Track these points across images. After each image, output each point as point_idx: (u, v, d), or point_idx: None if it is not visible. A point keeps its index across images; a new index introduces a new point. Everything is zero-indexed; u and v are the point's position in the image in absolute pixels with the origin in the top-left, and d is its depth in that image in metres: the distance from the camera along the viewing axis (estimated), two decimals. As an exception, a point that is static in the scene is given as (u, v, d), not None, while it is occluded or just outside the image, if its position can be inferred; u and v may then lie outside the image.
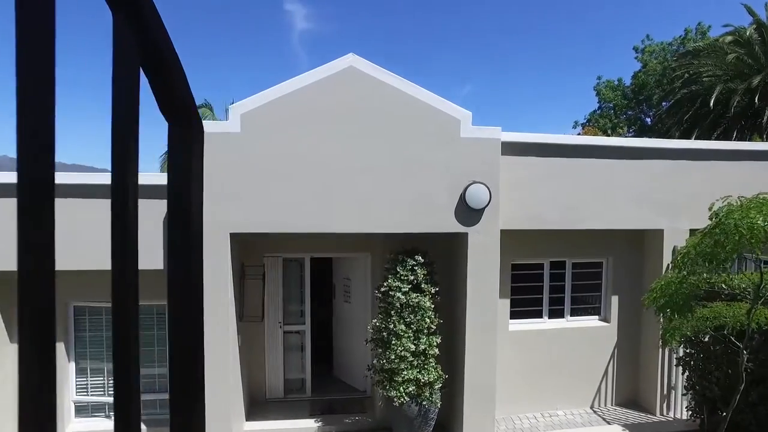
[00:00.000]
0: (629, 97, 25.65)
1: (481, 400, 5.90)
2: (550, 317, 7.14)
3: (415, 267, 5.70)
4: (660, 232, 6.71)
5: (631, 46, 26.14)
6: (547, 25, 44.58)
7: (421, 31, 52.09)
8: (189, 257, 0.61)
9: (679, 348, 5.25)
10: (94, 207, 5.50)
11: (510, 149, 6.00)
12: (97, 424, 6.38)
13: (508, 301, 6.82)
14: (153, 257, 5.54)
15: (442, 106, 5.65)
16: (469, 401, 5.89)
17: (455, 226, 5.71)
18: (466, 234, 5.74)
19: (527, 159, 6.23)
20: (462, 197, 5.63)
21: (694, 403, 5.14)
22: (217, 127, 5.43)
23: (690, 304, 3.55)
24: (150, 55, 0.53)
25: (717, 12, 33.32)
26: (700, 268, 3.32)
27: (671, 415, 6.75)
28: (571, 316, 7.21)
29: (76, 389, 6.32)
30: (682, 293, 3.42)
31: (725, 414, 4.36)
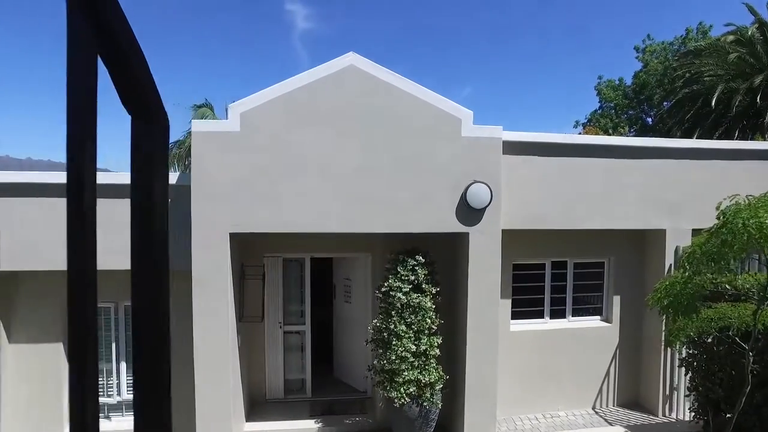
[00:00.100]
0: (630, 97, 25.58)
1: (483, 400, 5.87)
2: (551, 318, 7.10)
3: (416, 267, 5.67)
4: (662, 232, 6.67)
5: (632, 45, 26.10)
6: (548, 25, 44.57)
7: (422, 31, 52.09)
8: (153, 256, 0.59)
9: (682, 349, 5.21)
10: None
11: (511, 148, 5.97)
12: (96, 425, 6.34)
13: (510, 302, 6.78)
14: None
15: (443, 105, 5.61)
16: (470, 402, 5.86)
17: (456, 226, 5.68)
18: (467, 234, 5.71)
19: (529, 158, 6.20)
20: (463, 197, 5.59)
21: (697, 404, 5.10)
22: (217, 126, 5.39)
23: (695, 305, 3.50)
24: (108, 43, 0.50)
25: (718, 12, 33.30)
26: (705, 268, 3.28)
27: (674, 416, 6.71)
28: (572, 316, 7.17)
29: (75, 390, 6.27)
30: (687, 293, 3.37)
31: (730, 416, 4.33)
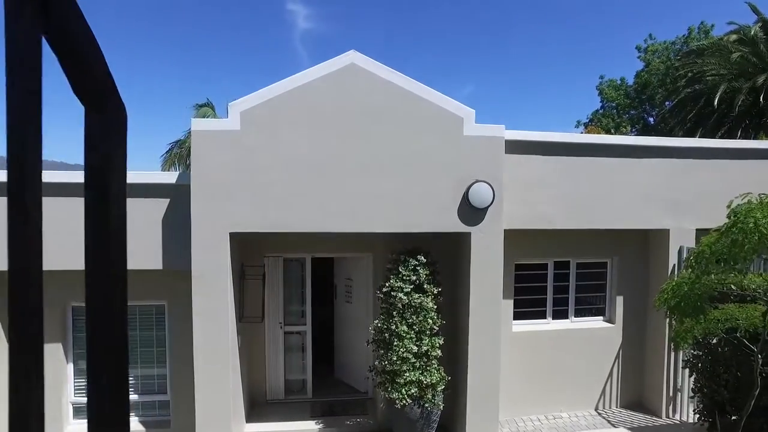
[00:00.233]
0: (632, 97, 25.51)
1: (485, 402, 5.82)
2: (554, 318, 7.05)
3: (418, 267, 5.63)
4: (666, 232, 6.62)
5: (634, 45, 26.02)
6: (549, 25, 44.54)
7: (423, 31, 52.07)
8: (110, 258, 0.54)
9: (687, 350, 5.14)
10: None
11: (514, 148, 5.92)
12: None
13: (512, 302, 6.74)
14: (154, 257, 5.53)
15: (445, 104, 5.57)
16: (472, 403, 5.81)
17: (458, 226, 5.63)
18: (469, 234, 5.66)
19: (531, 157, 6.15)
20: (465, 196, 5.54)
21: (702, 405, 5.04)
22: (217, 125, 5.35)
23: (703, 306, 3.44)
24: (55, 25, 0.45)
25: (719, 11, 33.20)
26: (714, 268, 3.21)
27: (677, 417, 6.66)
28: (575, 316, 7.12)
29: (75, 390, 6.23)
30: (695, 294, 3.31)
31: (735, 418, 4.27)
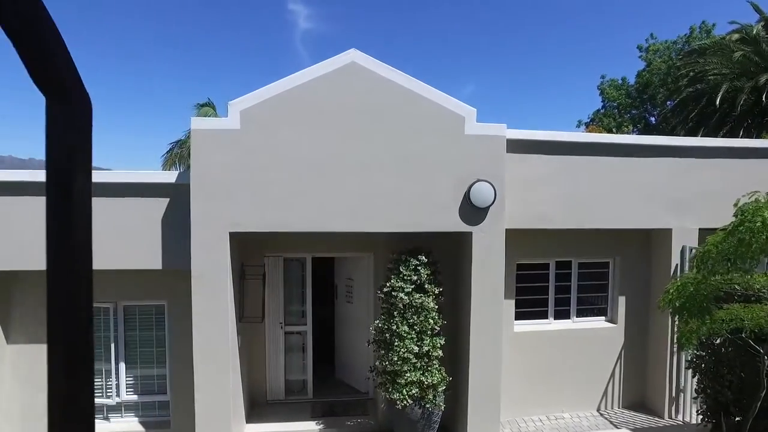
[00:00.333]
0: (633, 96, 25.44)
1: (486, 402, 5.79)
2: (555, 318, 7.02)
3: (419, 267, 5.59)
4: (668, 232, 6.58)
5: (635, 44, 25.94)
6: (550, 25, 44.48)
7: (424, 31, 52.04)
8: (74, 258, 0.50)
9: (691, 350, 5.09)
10: (94, 206, 5.39)
11: (515, 147, 5.88)
12: (95, 426, 6.27)
13: (513, 302, 6.70)
14: (153, 257, 5.50)
15: (446, 103, 5.53)
16: (474, 404, 5.77)
17: (459, 225, 5.59)
18: (470, 233, 5.62)
19: (533, 157, 6.11)
20: (466, 196, 5.51)
21: (705, 406, 5.00)
22: (217, 124, 5.32)
23: (709, 306, 3.39)
24: (9, 9, 0.42)
25: (721, 11, 33.12)
26: (721, 268, 3.17)
27: (680, 418, 6.62)
28: (577, 317, 7.08)
29: (74, 391, 6.21)
30: (701, 294, 3.26)
31: (739, 419, 4.24)
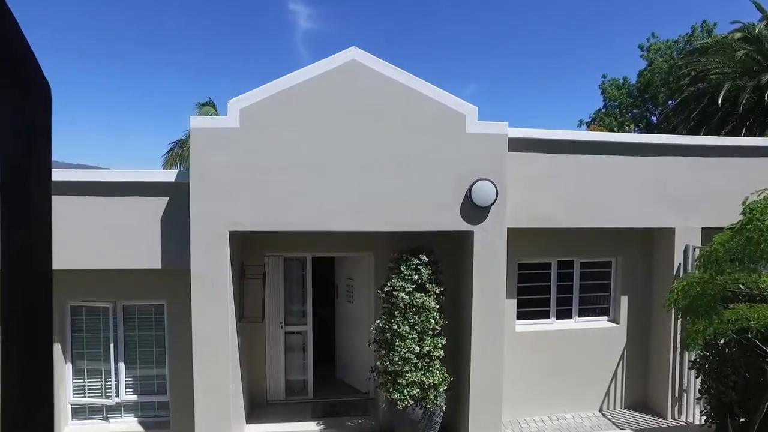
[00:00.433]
0: (634, 96, 25.38)
1: (488, 403, 5.75)
2: (557, 318, 6.97)
3: (420, 266, 5.55)
4: (671, 231, 6.54)
5: (637, 44, 25.89)
6: (551, 24, 44.43)
7: (425, 31, 52.03)
8: (33, 259, 0.46)
9: (695, 351, 5.04)
10: (93, 205, 5.38)
11: (517, 145, 5.84)
12: (94, 427, 6.25)
13: (515, 302, 6.65)
14: (152, 256, 5.47)
15: (447, 101, 5.49)
16: (475, 404, 5.74)
17: (461, 225, 5.55)
18: (471, 232, 5.58)
19: (534, 155, 6.07)
20: (468, 194, 5.47)
21: (709, 407, 4.95)
22: (216, 122, 5.28)
23: (717, 307, 3.34)
24: None
25: (722, 11, 33.00)
26: (729, 267, 3.11)
27: (683, 419, 6.57)
28: (579, 316, 7.04)
29: (73, 391, 6.19)
30: (708, 294, 3.21)
31: (743, 420, 4.19)
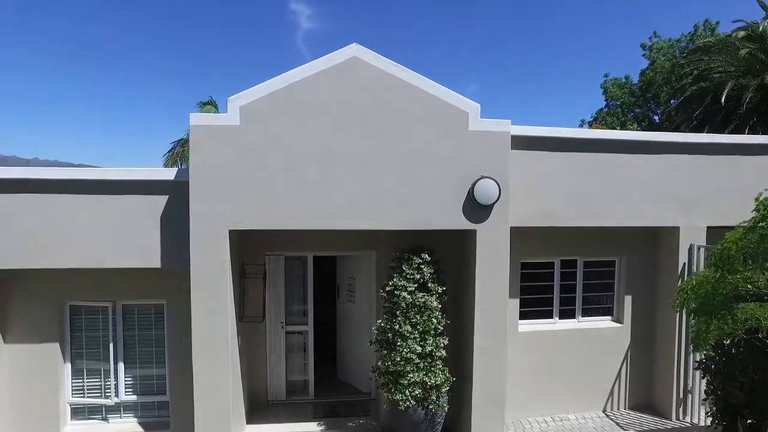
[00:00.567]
0: (637, 95, 25.31)
1: (491, 403, 5.69)
2: (560, 318, 6.91)
3: (422, 265, 5.50)
4: (676, 230, 6.47)
5: (639, 43, 25.81)
6: (552, 23, 44.36)
7: (426, 30, 52.01)
8: None
9: (705, 351, 4.94)
10: (89, 203, 5.33)
11: (520, 143, 5.78)
12: (94, 427, 6.20)
13: (518, 301, 6.59)
14: (151, 255, 5.42)
15: (450, 98, 5.43)
16: (478, 405, 5.67)
17: (463, 223, 5.49)
18: (474, 231, 5.52)
19: (538, 153, 6.01)
20: (470, 193, 5.41)
21: (715, 408, 4.88)
22: (216, 119, 5.22)
23: (730, 306, 3.26)
24: None
25: (724, 10, 32.89)
26: (741, 266, 3.04)
27: (688, 420, 6.50)
28: (582, 316, 6.97)
29: (72, 391, 6.13)
30: (720, 294, 3.13)
31: (751, 422, 4.13)
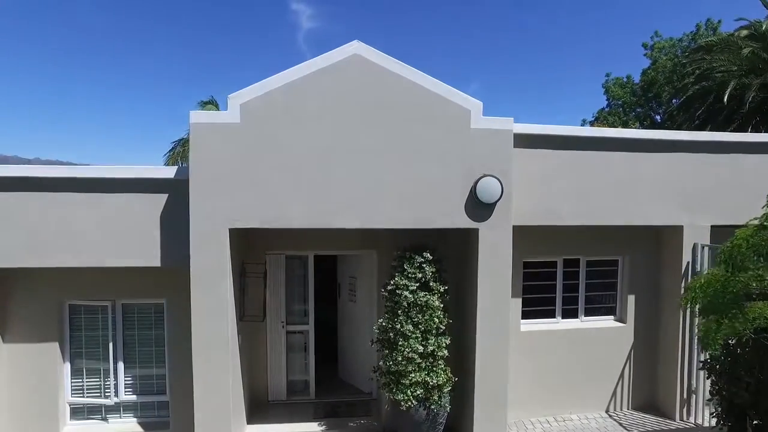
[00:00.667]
0: (638, 95, 25.21)
1: (493, 404, 5.64)
2: (563, 317, 6.86)
3: (423, 264, 5.46)
4: (679, 229, 6.42)
5: (640, 42, 25.73)
6: (554, 23, 44.29)
7: (427, 30, 51.99)
8: None
9: (717, 351, 4.86)
10: (89, 202, 5.29)
11: (523, 141, 5.73)
12: (93, 427, 6.16)
13: (520, 301, 6.55)
14: (151, 254, 5.38)
15: (451, 96, 5.38)
16: (480, 405, 5.63)
17: (465, 222, 5.45)
18: (476, 230, 5.48)
19: (541, 151, 5.96)
20: (472, 191, 5.36)
21: (720, 409, 4.83)
22: (216, 117, 5.18)
23: (741, 305, 3.21)
24: None
25: (727, 9, 32.79)
26: (752, 263, 2.99)
27: (692, 420, 6.44)
28: (585, 316, 6.92)
29: (72, 391, 6.10)
30: (730, 292, 3.08)
31: (757, 422, 4.08)
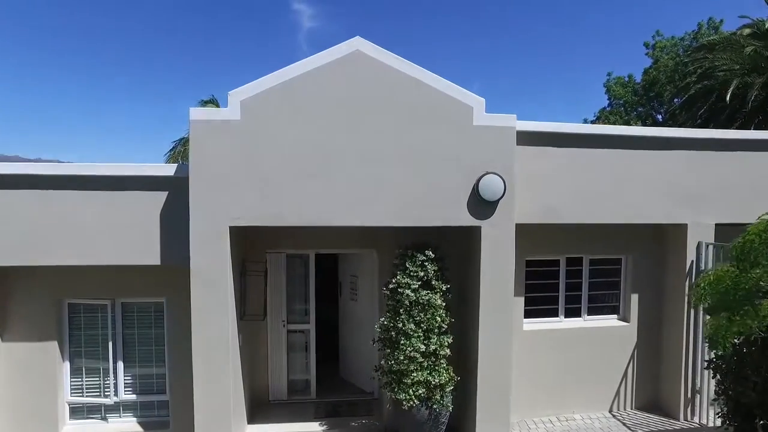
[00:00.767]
0: (640, 94, 25.14)
1: (495, 403, 5.59)
2: (566, 316, 6.81)
3: (425, 263, 5.41)
4: (683, 227, 6.36)
5: (642, 42, 25.65)
6: (554, 22, 44.25)
7: (428, 29, 51.99)
8: None
9: (727, 351, 4.78)
10: (90, 200, 5.25)
11: (525, 139, 5.68)
12: (93, 427, 6.12)
13: (523, 299, 6.50)
14: (151, 252, 5.34)
15: (454, 93, 5.34)
16: (483, 405, 5.58)
17: (468, 220, 5.40)
18: (479, 228, 5.43)
19: (543, 149, 5.90)
20: (475, 189, 5.32)
21: (726, 409, 4.78)
22: (216, 114, 5.14)
23: (753, 302, 3.15)
24: None
25: (730, 8, 32.71)
26: (766, 259, 2.93)
27: (696, 420, 6.39)
28: (588, 315, 6.87)
29: (71, 390, 6.06)
30: (742, 289, 3.02)
31: (763, 422, 4.03)
